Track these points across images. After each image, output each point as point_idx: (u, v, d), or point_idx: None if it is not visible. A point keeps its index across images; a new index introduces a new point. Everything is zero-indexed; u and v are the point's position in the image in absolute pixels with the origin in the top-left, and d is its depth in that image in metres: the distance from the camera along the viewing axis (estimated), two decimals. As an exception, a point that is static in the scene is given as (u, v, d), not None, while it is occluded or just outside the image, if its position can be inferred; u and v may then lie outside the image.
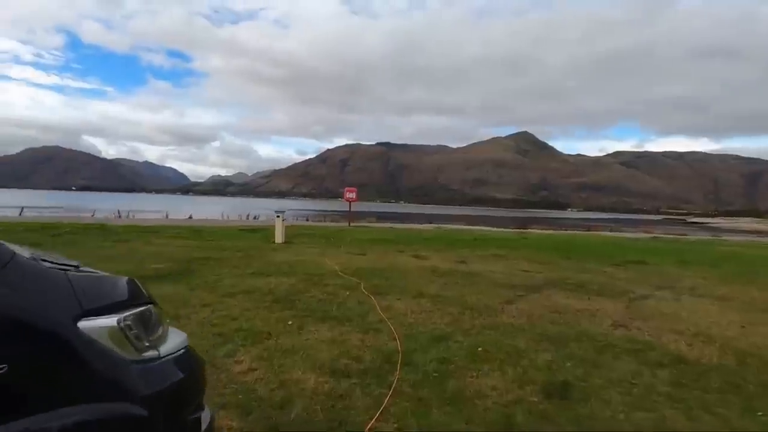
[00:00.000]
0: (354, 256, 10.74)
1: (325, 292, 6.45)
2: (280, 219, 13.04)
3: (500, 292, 7.08)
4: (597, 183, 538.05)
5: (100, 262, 8.11)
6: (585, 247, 15.61)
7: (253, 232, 15.41)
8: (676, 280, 9.28)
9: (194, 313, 4.97)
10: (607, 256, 13.35)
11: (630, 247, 16.90)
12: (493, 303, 6.25)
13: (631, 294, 7.58)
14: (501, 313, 5.73)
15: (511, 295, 6.91)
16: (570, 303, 6.58)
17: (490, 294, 6.89)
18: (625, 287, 8.21)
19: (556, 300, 6.76)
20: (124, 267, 7.70)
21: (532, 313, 5.79)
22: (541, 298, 6.88)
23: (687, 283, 9.08)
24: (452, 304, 6.00)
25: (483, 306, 6.01)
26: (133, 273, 7.36)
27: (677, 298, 7.46)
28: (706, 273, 10.50)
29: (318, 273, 7.97)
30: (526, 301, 6.51)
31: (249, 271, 7.84)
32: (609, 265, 11.23)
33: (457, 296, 6.56)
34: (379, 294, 6.46)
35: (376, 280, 7.54)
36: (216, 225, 18.49)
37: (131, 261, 8.40)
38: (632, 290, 7.92)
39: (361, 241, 14.32)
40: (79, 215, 24.48)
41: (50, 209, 32.44)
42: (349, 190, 21.88)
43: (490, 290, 7.21)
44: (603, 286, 8.21)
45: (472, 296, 6.62)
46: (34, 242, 10.56)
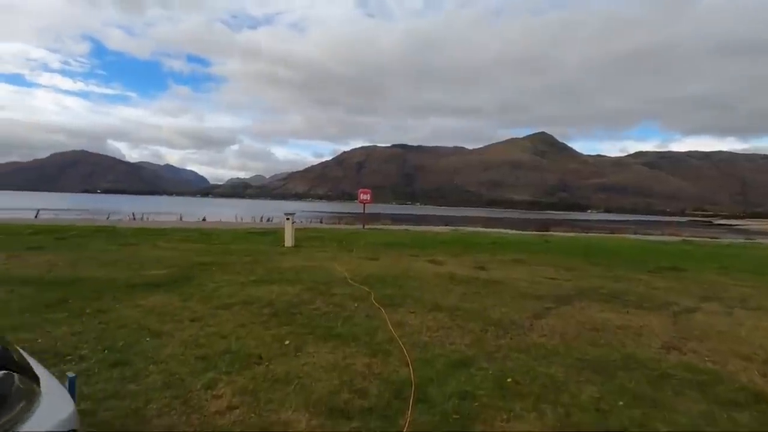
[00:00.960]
0: (366, 261, 10.11)
1: (332, 303, 5.82)
2: (290, 222, 12.51)
3: (526, 304, 6.34)
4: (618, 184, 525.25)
5: (100, 268, 7.68)
6: (613, 252, 14.62)
7: (263, 235, 14.95)
8: (722, 290, 8.35)
9: (179, 330, 4.40)
10: (638, 261, 12.39)
11: (662, 251, 15.81)
12: (519, 317, 5.53)
13: (674, 306, 6.74)
14: (530, 330, 5.00)
15: (539, 308, 6.16)
16: (608, 318, 5.80)
17: (516, 306, 6.16)
18: (666, 298, 7.36)
19: (591, 314, 5.99)
20: (122, 274, 7.25)
21: (566, 330, 5.05)
22: (573, 311, 6.11)
23: (734, 293, 8.15)
24: (473, 319, 5.30)
25: (508, 321, 5.29)
26: (129, 280, 6.90)
27: (729, 312, 6.59)
28: (752, 281, 9.50)
29: (326, 281, 7.36)
30: (557, 316, 5.76)
31: (252, 279, 7.28)
32: (643, 272, 10.32)
33: (478, 309, 5.85)
34: (390, 306, 5.81)
35: (388, 290, 6.89)
36: (227, 227, 18.13)
37: (130, 267, 7.94)
38: (675, 302, 7.07)
39: (375, 244, 13.69)
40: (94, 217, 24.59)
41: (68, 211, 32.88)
42: (364, 192, 21.27)
43: (514, 301, 6.47)
44: (641, 296, 7.38)
45: (495, 309, 5.90)
46: (36, 245, 10.27)
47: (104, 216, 26.73)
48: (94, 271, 7.36)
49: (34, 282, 6.24)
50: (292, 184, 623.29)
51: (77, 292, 5.70)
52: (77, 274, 7.00)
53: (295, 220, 13.88)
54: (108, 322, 4.51)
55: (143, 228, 16.04)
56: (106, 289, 5.99)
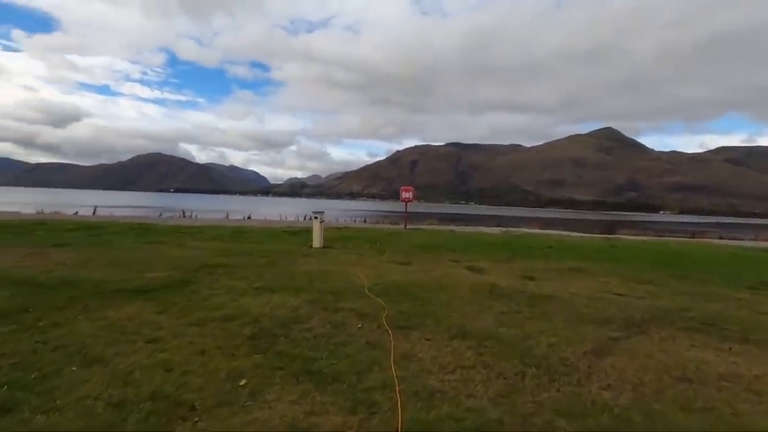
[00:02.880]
0: (395, 266, 8.95)
1: (331, 321, 4.74)
2: (318, 221, 11.64)
3: (585, 331, 4.85)
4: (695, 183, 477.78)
5: (104, 269, 7.20)
6: (699, 261, 12.22)
7: (295, 234, 14.27)
8: None
9: (123, 355, 3.52)
10: (733, 273, 10.11)
11: (764, 261, 13.08)
12: (573, 353, 4.11)
13: (798, 342, 4.91)
14: (588, 376, 3.59)
15: (602, 338, 4.67)
16: (703, 358, 4.20)
17: (569, 334, 4.70)
18: (783, 328, 5.49)
19: (677, 350, 4.40)
20: (121, 275, 6.68)
21: (643, 379, 3.57)
22: (651, 344, 4.55)
23: None
24: (507, 354, 3.97)
25: (557, 360, 3.90)
26: (121, 283, 6.14)
27: None
28: None
29: (338, 290, 6.31)
30: (627, 352, 4.25)
31: (256, 285, 6.40)
32: (741, 289, 8.23)
33: (518, 337, 4.49)
34: (404, 328, 4.62)
35: (407, 304, 5.69)
36: (265, 226, 17.75)
37: (135, 268, 7.40)
38: (797, 334, 5.21)
39: (411, 246, 12.46)
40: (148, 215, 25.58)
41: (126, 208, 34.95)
42: (406, 189, 20.05)
43: (568, 327, 5.00)
44: (746, 324, 5.56)
45: (541, 338, 4.50)
46: (65, 242, 10.21)
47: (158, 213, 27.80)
48: (95, 272, 6.85)
49: (21, 284, 5.77)
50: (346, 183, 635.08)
51: (50, 298, 5.08)
52: (76, 275, 6.52)
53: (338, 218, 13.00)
54: (48, 341, 3.75)
55: (179, 226, 16.03)
56: (86, 295, 5.35)
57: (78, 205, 33.00)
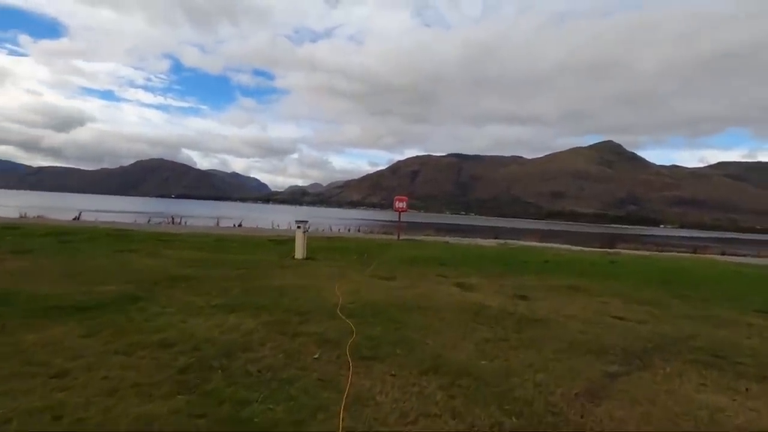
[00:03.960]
0: (378, 282, 8.32)
1: (285, 349, 4.11)
2: (301, 231, 11.02)
3: (578, 365, 4.22)
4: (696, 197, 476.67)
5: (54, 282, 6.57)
6: (703, 279, 11.57)
7: (280, 244, 13.63)
8: None
9: (10, 394, 2.89)
10: (739, 293, 9.47)
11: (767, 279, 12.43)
12: (564, 395, 3.47)
13: (823, 381, 4.27)
14: (580, 429, 2.95)
15: (597, 374, 4.03)
16: (716, 403, 3.56)
17: (561, 368, 4.07)
18: (802, 361, 4.85)
19: (685, 392, 3.76)
20: (71, 288, 6.07)
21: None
22: (655, 383, 3.91)
23: None
24: (484, 398, 3.33)
25: (543, 405, 3.26)
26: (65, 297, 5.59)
27: None
28: None
29: (306, 309, 5.68)
30: (627, 395, 3.61)
31: (215, 302, 5.77)
32: (749, 312, 7.60)
33: (499, 373, 3.85)
34: (368, 359, 3.99)
35: (380, 327, 5.06)
36: (251, 234, 17.13)
37: (90, 279, 6.78)
38: (819, 370, 4.57)
39: (400, 259, 11.83)
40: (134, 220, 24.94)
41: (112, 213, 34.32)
42: (400, 199, 19.46)
43: (559, 359, 4.37)
44: (761, 357, 4.94)
45: (527, 374, 3.87)
46: (27, 249, 9.60)
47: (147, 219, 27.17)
48: (41, 284, 6.23)
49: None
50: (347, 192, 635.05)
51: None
52: (17, 287, 5.90)
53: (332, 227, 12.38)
54: (-71, 373, 3.12)
55: (160, 233, 15.38)
56: (14, 313, 4.73)
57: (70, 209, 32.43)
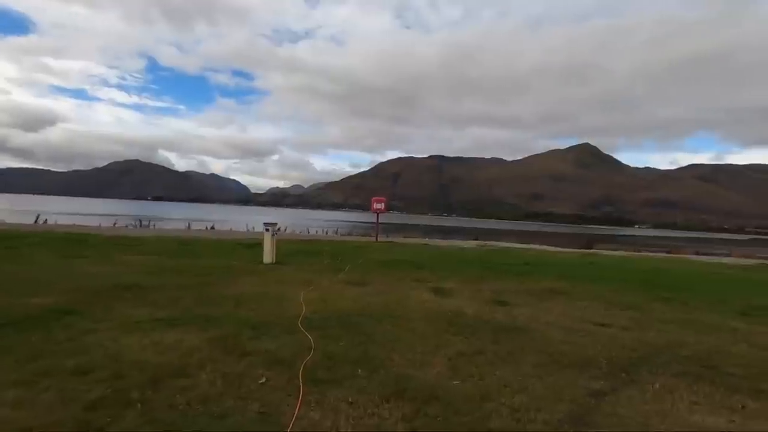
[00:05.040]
0: (348, 288, 7.78)
1: (226, 374, 3.53)
2: (270, 234, 10.39)
3: (560, 382, 3.79)
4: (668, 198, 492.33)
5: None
6: (682, 280, 11.43)
7: (249, 248, 12.93)
8: None
9: None
10: (720, 295, 9.29)
11: (745, 280, 12.40)
12: (544, 423, 3.01)
13: (819, 394, 3.95)
14: (563, 470, 2.48)
15: (581, 393, 3.60)
16: (712, 425, 3.18)
17: (540, 388, 3.62)
18: (794, 371, 4.55)
19: (678, 413, 3.36)
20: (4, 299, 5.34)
21: (640, 473, 2.49)
22: (644, 404, 3.50)
23: None
24: (454, 429, 2.84)
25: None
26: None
27: None
28: None
29: (263, 322, 5.10)
30: (615, 419, 3.18)
31: (159, 315, 5.13)
32: (732, 314, 7.37)
33: (473, 397, 3.37)
34: (324, 382, 3.46)
35: (344, 341, 4.54)
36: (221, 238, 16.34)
37: (23, 290, 6.03)
38: (813, 381, 4.26)
39: (375, 263, 11.32)
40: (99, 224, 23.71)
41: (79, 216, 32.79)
42: (377, 200, 18.97)
43: (539, 375, 3.93)
44: (751, 367, 4.60)
45: (504, 396, 3.40)
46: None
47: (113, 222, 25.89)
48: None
49: None
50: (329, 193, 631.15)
51: None
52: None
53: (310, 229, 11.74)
54: None
55: (120, 237, 14.46)
56: None
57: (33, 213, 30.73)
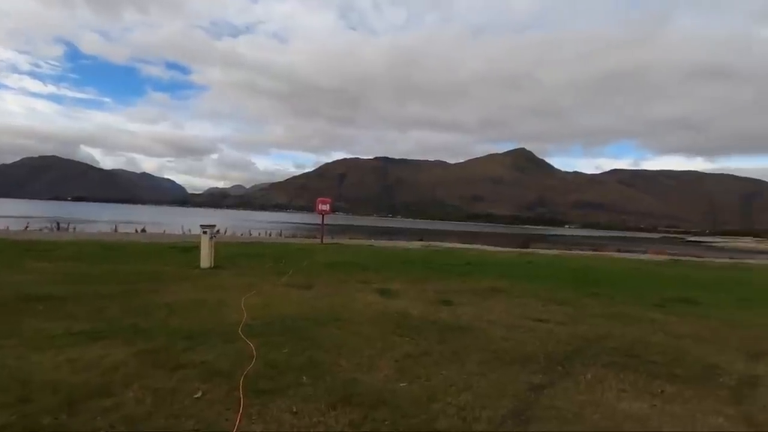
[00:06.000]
0: (292, 292, 7.54)
1: (156, 389, 3.23)
2: (208, 236, 9.82)
3: (502, 379, 3.90)
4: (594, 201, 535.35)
5: None
6: (607, 276, 12.41)
7: (185, 251, 12.15)
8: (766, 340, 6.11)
9: None
10: (640, 289, 10.19)
11: (659, 275, 13.73)
12: (488, 420, 3.07)
13: (723, 376, 4.44)
14: (508, 466, 2.53)
15: (522, 388, 3.73)
16: (638, 412, 3.42)
17: (484, 386, 3.71)
18: (702, 356, 5.08)
19: (609, 401, 3.58)
20: None
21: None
22: (578, 394, 3.69)
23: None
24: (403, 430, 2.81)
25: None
26: None
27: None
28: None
29: (198, 331, 4.77)
30: (553, 411, 3.32)
31: (79, 328, 4.62)
32: (650, 306, 8.09)
33: (420, 398, 3.37)
34: (266, 393, 3.27)
35: (288, 348, 4.36)
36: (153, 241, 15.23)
37: None
38: (717, 364, 4.78)
39: (320, 264, 11.11)
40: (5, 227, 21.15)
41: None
42: (322, 201, 18.70)
43: (483, 372, 4.03)
44: (667, 354, 5.05)
45: (449, 397, 3.43)
46: None
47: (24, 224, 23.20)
48: None
49: None
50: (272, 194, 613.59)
51: None
52: None
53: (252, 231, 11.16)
54: None
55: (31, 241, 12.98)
56: None
57: None
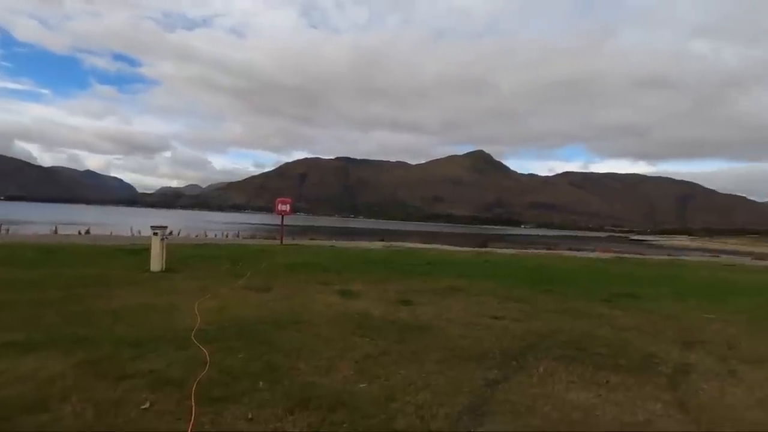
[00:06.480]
0: (250, 294, 7.33)
1: (100, 402, 3.03)
2: (159, 238, 9.35)
3: (460, 376, 3.99)
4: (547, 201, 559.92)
5: None
6: (560, 274, 13.00)
7: (134, 254, 11.50)
8: (698, 330, 6.62)
9: None
10: (589, 285, 10.75)
11: (606, 272, 14.55)
12: (446, 417, 3.13)
13: (661, 365, 4.78)
14: (464, 461, 2.59)
15: (479, 383, 3.84)
16: (585, 402, 3.60)
17: (442, 383, 3.77)
18: (642, 346, 5.45)
19: (559, 393, 3.75)
20: None
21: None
22: (531, 388, 3.84)
23: (712, 332, 6.48)
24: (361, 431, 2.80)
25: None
26: None
27: (732, 371, 4.72)
28: (721, 314, 7.94)
29: (147, 338, 4.53)
30: (507, 405, 3.43)
31: (11, 338, 4.26)
32: (598, 301, 8.55)
33: (378, 398, 3.37)
34: (221, 400, 3.15)
35: (244, 353, 4.23)
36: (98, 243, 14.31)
37: None
38: (655, 354, 5.15)
39: (280, 266, 10.88)
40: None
41: None
42: (282, 201, 18.33)
43: (441, 370, 4.10)
44: (612, 346, 5.37)
45: (408, 396, 3.46)
46: None
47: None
48: None
49: None
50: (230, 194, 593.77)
51: None
52: None
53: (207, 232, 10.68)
54: None
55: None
56: None
57: None
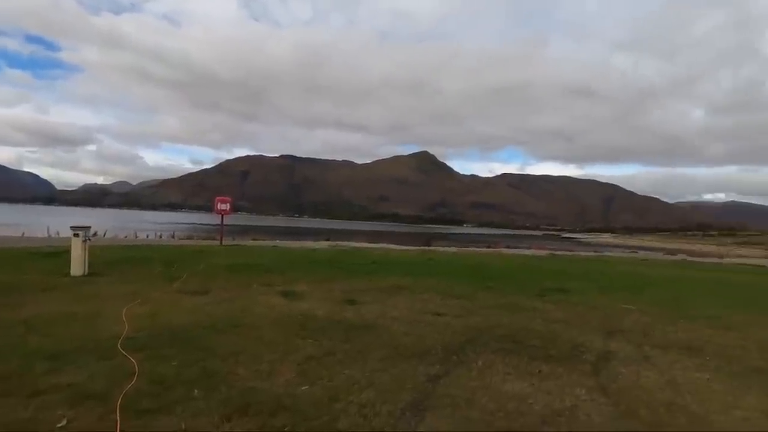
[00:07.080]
0: (185, 298, 6.94)
1: (7, 423, 2.72)
2: (80, 239, 8.55)
3: (403, 373, 4.05)
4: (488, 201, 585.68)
5: None
6: (499, 271, 13.65)
7: (52, 257, 10.43)
8: (618, 320, 7.26)
9: None
10: (524, 282, 11.38)
11: (540, 268, 15.49)
12: (389, 414, 3.16)
13: (586, 353, 5.17)
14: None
15: (421, 380, 3.92)
16: (520, 391, 3.80)
17: (386, 381, 3.81)
18: (571, 337, 5.86)
19: (496, 385, 3.93)
20: None
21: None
22: (471, 380, 4.00)
23: (630, 322, 7.12)
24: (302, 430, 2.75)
25: None
26: None
27: (647, 357, 5.22)
28: (638, 304, 8.76)
29: (65, 350, 4.12)
30: (448, 399, 3.54)
31: None
32: (532, 296, 9.08)
33: (321, 400, 3.33)
34: (152, 412, 2.95)
35: (177, 360, 3.99)
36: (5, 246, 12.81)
37: None
38: (582, 344, 5.56)
39: (218, 268, 10.40)
40: None
41: None
42: (222, 200, 17.54)
43: (385, 368, 4.14)
44: (544, 338, 5.73)
45: (352, 395, 3.46)
46: None
47: None
48: None
49: None
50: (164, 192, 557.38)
51: None
52: None
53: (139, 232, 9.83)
54: None
55: None
56: None
57: None
